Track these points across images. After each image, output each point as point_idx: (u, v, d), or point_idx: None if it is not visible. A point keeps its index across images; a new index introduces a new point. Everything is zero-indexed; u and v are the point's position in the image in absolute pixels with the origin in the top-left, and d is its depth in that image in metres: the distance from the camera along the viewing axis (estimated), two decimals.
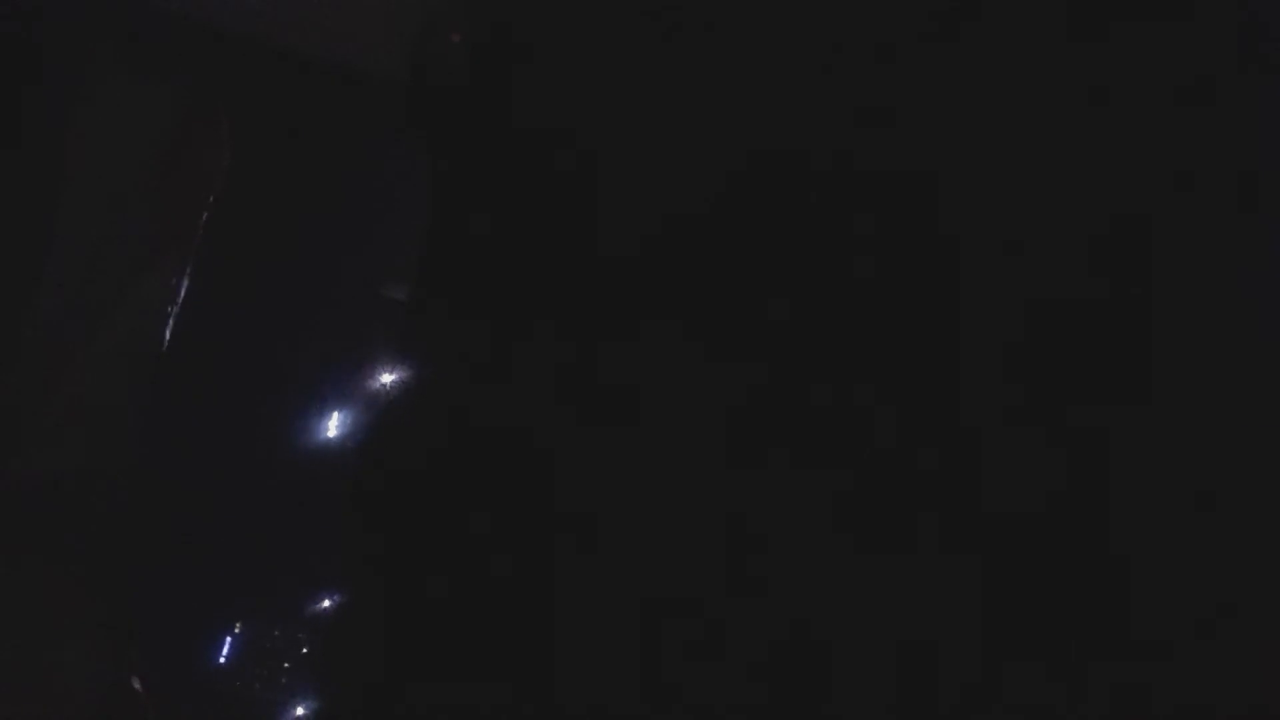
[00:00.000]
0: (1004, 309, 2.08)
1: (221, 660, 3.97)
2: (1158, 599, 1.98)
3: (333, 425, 4.02)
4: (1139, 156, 2.01)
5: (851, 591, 2.14)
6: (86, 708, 3.52)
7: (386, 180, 3.85)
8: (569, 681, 2.28)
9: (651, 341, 2.21)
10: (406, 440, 3.20)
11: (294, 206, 4.09)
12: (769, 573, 2.17)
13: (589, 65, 2.29)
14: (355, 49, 3.80)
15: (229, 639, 3.99)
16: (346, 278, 4.11)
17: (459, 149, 2.99)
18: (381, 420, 3.66)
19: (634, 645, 2.24)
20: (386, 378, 3.87)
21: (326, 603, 3.82)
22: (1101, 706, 1.96)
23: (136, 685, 3.62)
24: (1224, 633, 1.94)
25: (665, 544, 2.25)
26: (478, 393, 2.76)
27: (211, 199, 4.03)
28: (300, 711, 3.91)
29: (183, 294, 3.98)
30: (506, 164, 2.67)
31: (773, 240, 2.19)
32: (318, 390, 4.08)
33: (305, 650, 3.93)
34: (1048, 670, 2.03)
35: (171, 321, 3.96)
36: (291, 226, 4.11)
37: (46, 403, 3.74)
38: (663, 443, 2.31)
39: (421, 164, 3.34)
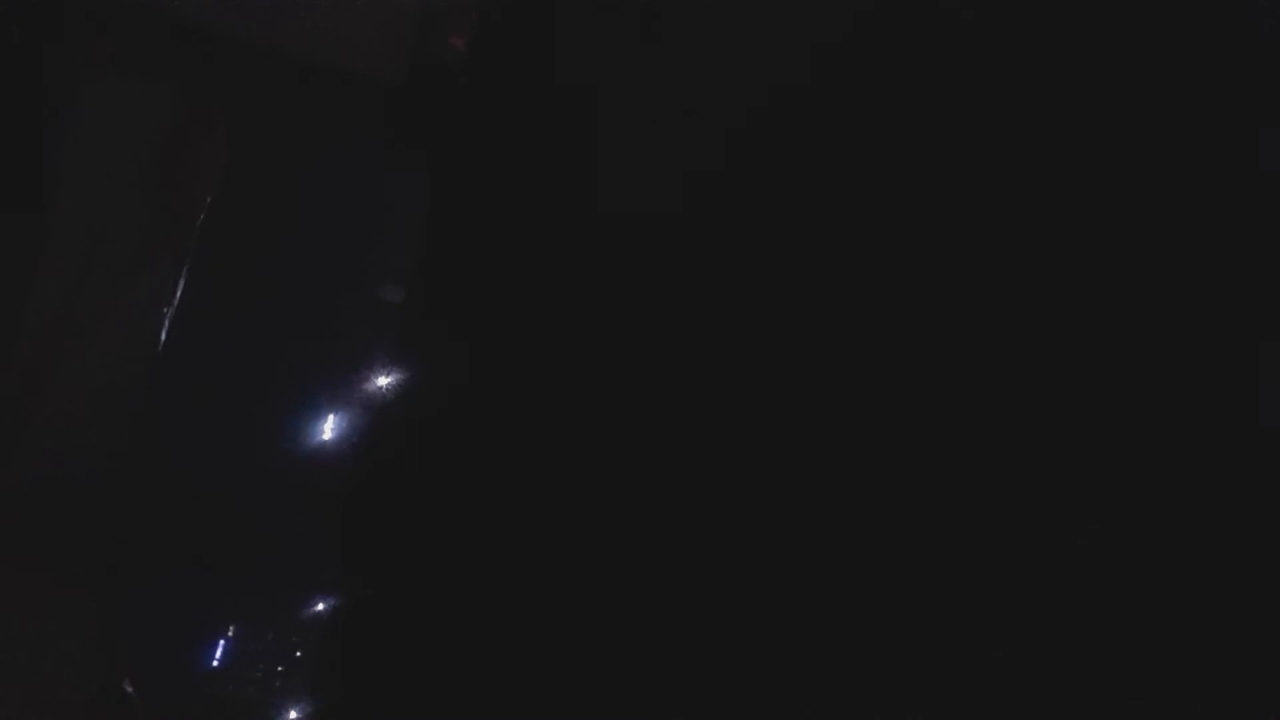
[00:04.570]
0: (1003, 307, 2.07)
1: (214, 663, 3.94)
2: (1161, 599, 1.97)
3: (329, 428, 4.00)
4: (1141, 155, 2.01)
5: (850, 591, 2.13)
6: (77, 709, 3.50)
7: (383, 182, 3.84)
8: (565, 683, 2.27)
9: (650, 340, 2.20)
10: (402, 443, 3.19)
11: (290, 208, 4.07)
12: (770, 573, 2.16)
13: (584, 66, 2.28)
14: (352, 51, 3.79)
15: (222, 642, 3.96)
16: (343, 280, 4.09)
17: (455, 151, 2.97)
18: (377, 423, 3.64)
19: (631, 646, 2.23)
20: (383, 380, 3.85)
21: (321, 606, 3.80)
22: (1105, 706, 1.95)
23: (128, 688, 3.60)
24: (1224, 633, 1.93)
25: (665, 547, 2.23)
26: (473, 396, 2.74)
27: (208, 200, 4.02)
28: (294, 715, 3.88)
29: (179, 295, 3.97)
30: (502, 166, 2.66)
31: (776, 243, 2.18)
32: (314, 392, 4.06)
33: (299, 654, 3.91)
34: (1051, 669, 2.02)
35: (167, 323, 3.94)
36: (288, 228, 4.10)
37: (41, 404, 3.73)
38: (662, 443, 2.29)
39: (418, 165, 3.34)
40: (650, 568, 2.25)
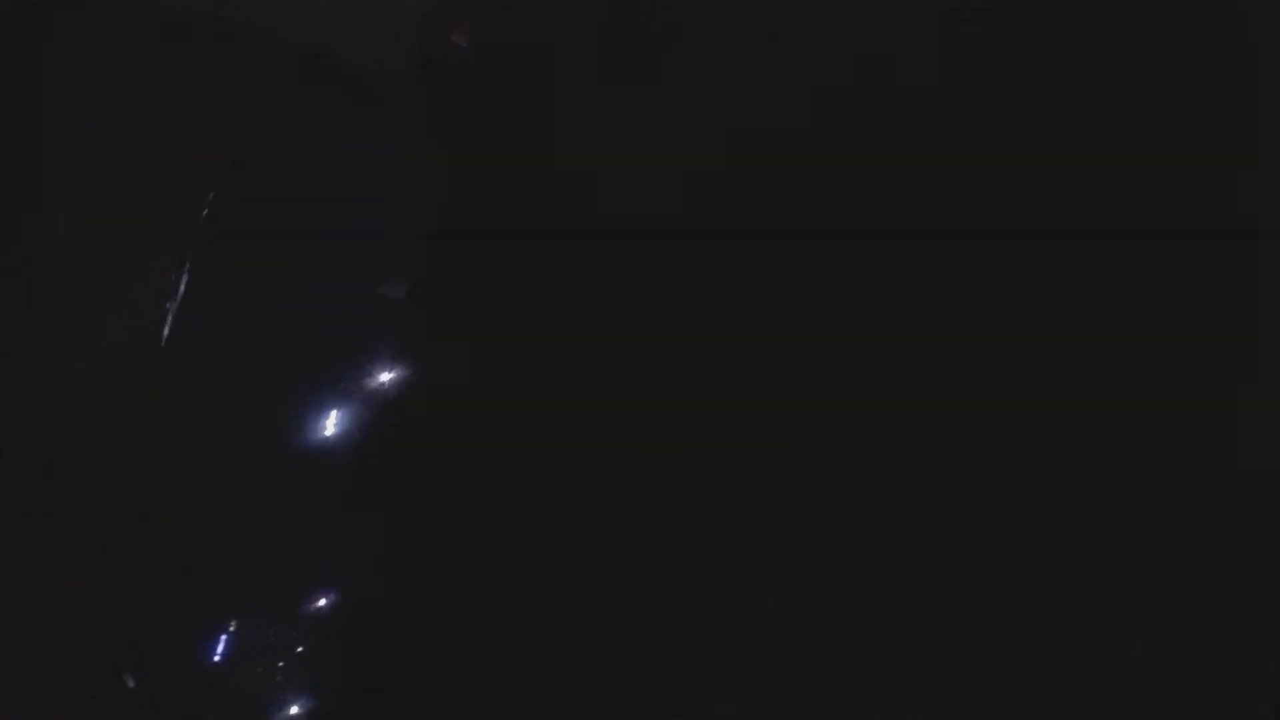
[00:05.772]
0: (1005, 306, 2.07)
1: (216, 657, 3.95)
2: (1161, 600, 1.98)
3: (331, 423, 4.00)
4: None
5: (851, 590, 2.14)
6: (80, 703, 3.51)
7: (387, 178, 3.84)
8: (565, 680, 2.27)
9: (651, 338, 2.20)
10: (406, 440, 3.20)
11: (295, 204, 4.08)
12: (772, 574, 2.16)
13: (587, 63, 2.28)
14: (359, 47, 3.80)
15: (224, 636, 3.97)
16: (346, 275, 4.10)
17: (459, 147, 2.98)
18: (379, 419, 3.64)
19: (633, 644, 2.23)
20: (385, 376, 3.85)
21: (322, 601, 3.80)
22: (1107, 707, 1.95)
23: (129, 682, 3.61)
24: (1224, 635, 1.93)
25: (663, 545, 2.24)
26: (475, 393, 2.75)
27: (214, 195, 4.02)
28: (294, 709, 3.88)
29: (183, 290, 3.98)
30: (505, 162, 2.66)
31: (778, 242, 2.19)
32: (316, 388, 4.06)
33: (300, 648, 3.91)
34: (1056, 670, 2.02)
35: (171, 318, 3.95)
36: (292, 223, 4.11)
37: (48, 399, 3.73)
38: (662, 439, 2.30)
39: (422, 162, 3.34)
40: (652, 565, 2.25)
